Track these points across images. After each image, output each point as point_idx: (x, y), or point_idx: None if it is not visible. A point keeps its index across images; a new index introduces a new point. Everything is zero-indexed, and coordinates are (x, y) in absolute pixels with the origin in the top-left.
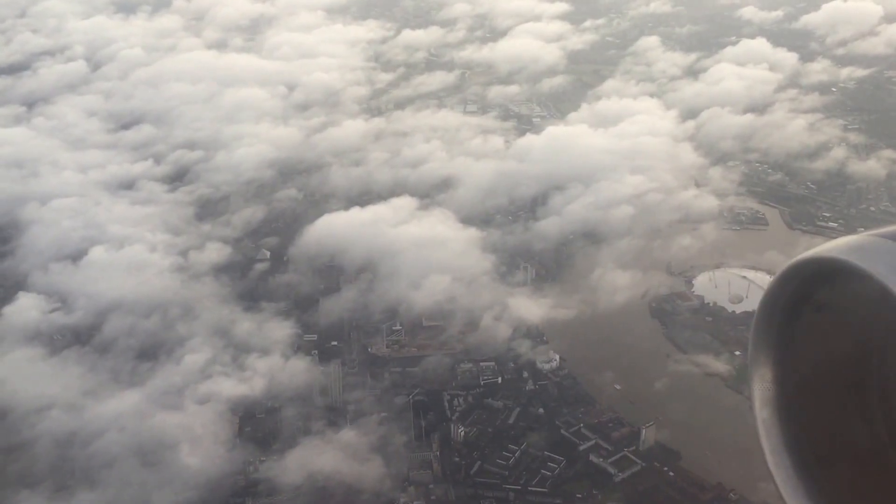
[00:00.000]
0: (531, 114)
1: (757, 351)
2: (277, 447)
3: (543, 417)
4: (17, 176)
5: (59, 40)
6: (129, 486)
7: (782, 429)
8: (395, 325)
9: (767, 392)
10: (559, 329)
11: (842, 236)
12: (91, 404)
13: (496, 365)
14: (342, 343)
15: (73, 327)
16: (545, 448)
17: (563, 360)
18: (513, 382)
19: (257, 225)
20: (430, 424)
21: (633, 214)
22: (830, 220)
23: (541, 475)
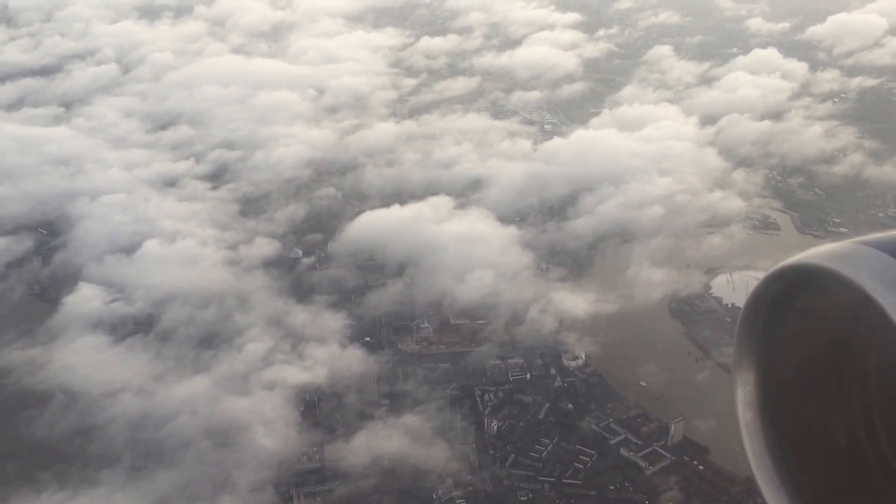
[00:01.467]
0: (542, 121)
1: (740, 355)
2: (340, 432)
3: (573, 413)
4: (65, 173)
5: (88, 44)
6: (205, 465)
7: (765, 431)
8: (423, 323)
9: (750, 395)
10: (584, 327)
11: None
12: (161, 389)
13: (524, 361)
14: (374, 339)
15: (133, 317)
16: (576, 442)
17: (588, 357)
18: (541, 379)
19: (299, 222)
20: (464, 418)
21: (657, 217)
22: (841, 226)
23: (573, 468)
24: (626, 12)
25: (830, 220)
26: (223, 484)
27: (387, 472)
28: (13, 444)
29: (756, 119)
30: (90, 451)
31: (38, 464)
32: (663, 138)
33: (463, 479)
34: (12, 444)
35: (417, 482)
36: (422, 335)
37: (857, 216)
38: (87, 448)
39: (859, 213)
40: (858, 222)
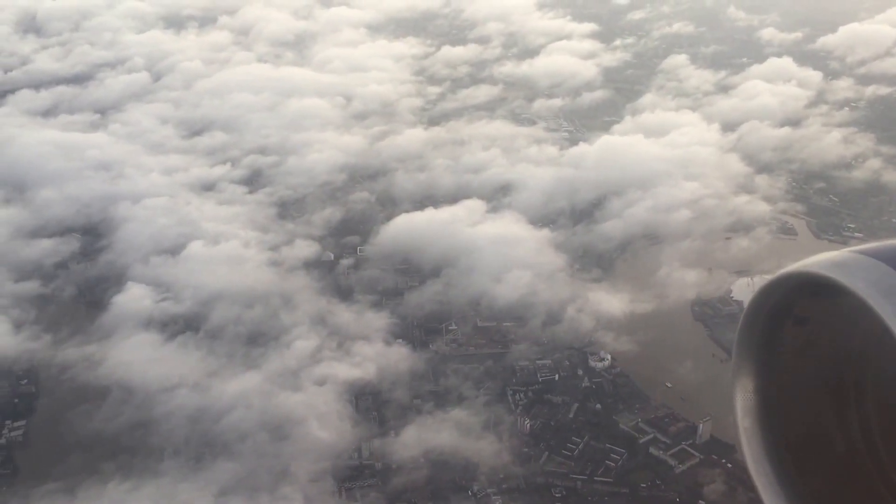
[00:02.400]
0: (559, 129)
1: (740, 362)
2: (387, 428)
3: (601, 412)
4: (106, 177)
5: (118, 53)
6: (263, 457)
7: (764, 438)
8: (452, 325)
9: (749, 402)
10: (610, 329)
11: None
12: (215, 384)
13: (552, 363)
14: (407, 340)
15: (182, 316)
16: (606, 441)
17: (614, 358)
18: (568, 380)
19: (336, 224)
20: (496, 417)
21: (680, 222)
22: (856, 231)
23: (605, 466)
24: (640, 23)
25: (846, 225)
26: (282, 475)
27: (427, 468)
28: (75, 437)
29: (775, 126)
30: (150, 444)
31: (101, 456)
32: (687, 144)
33: (498, 476)
34: (74, 436)
35: (456, 477)
36: (451, 337)
37: (871, 222)
38: (147, 441)
39: (873, 218)
40: (873, 228)
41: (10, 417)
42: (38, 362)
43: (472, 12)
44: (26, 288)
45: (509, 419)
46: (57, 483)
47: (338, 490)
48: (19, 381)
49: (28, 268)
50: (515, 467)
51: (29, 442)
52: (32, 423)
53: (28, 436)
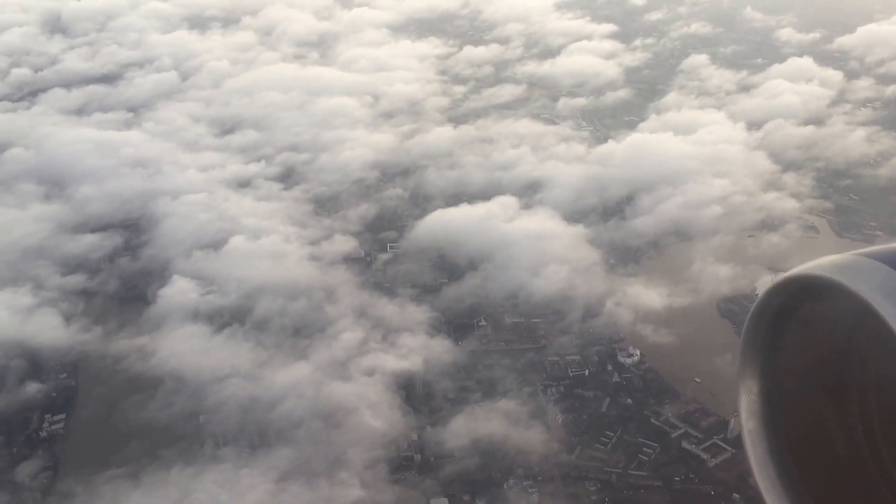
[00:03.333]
0: (578, 128)
1: (744, 364)
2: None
3: (632, 407)
4: (143, 174)
5: (145, 53)
6: (318, 444)
7: (768, 439)
8: (481, 322)
9: (754, 404)
10: (639, 324)
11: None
12: (266, 374)
13: (581, 358)
14: (438, 335)
15: (228, 308)
16: (638, 435)
17: (642, 354)
18: (598, 375)
19: (371, 220)
20: (529, 411)
21: (705, 220)
22: (877, 230)
23: (638, 459)
24: (657, 23)
25: (867, 223)
26: (337, 462)
27: (463, 461)
28: (133, 425)
29: (799, 124)
30: (206, 432)
31: (161, 442)
32: (715, 142)
33: (533, 468)
34: (132, 424)
35: (492, 470)
36: (481, 333)
37: (893, 220)
38: (203, 429)
39: (894, 217)
40: (893, 226)
41: (49, 411)
42: (85, 354)
43: (491, 13)
44: (73, 281)
45: (541, 413)
46: (120, 469)
47: (391, 478)
48: (58, 375)
49: (73, 262)
50: (550, 460)
51: (69, 435)
52: (88, 413)
53: (69, 428)
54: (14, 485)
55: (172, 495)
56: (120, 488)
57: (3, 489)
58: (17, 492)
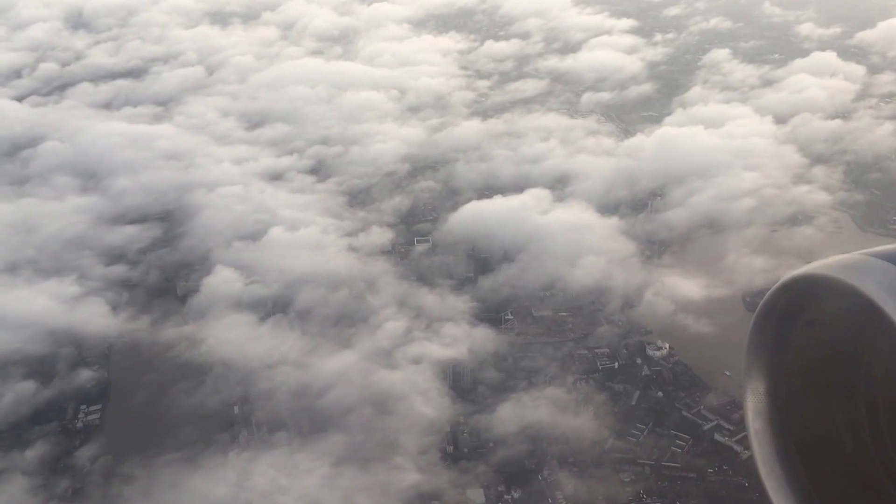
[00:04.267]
0: (602, 122)
1: (751, 364)
2: (488, 403)
3: (663, 400)
4: (178, 167)
5: (169, 48)
6: (370, 430)
7: (774, 439)
8: (508, 315)
9: (760, 404)
10: (664, 319)
11: None
12: (314, 362)
13: (610, 351)
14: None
15: (271, 298)
16: (670, 427)
17: (671, 347)
18: (628, 368)
19: (405, 212)
20: (560, 404)
21: (738, 213)
22: None
23: (671, 452)
24: (676, 19)
25: (891, 218)
26: (391, 447)
27: (496, 453)
28: (185, 411)
29: (826, 118)
30: (259, 417)
31: (215, 427)
32: (744, 136)
33: (567, 460)
34: (184, 410)
35: (525, 462)
36: (508, 326)
37: None
38: (255, 414)
39: None
40: None
41: (100, 398)
42: (134, 342)
43: (509, 9)
44: (115, 272)
45: (573, 406)
46: (177, 453)
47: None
48: (108, 362)
49: (114, 253)
50: (583, 452)
51: (123, 420)
52: (139, 399)
53: (122, 415)
54: (75, 469)
55: (231, 478)
56: (179, 471)
57: (64, 474)
58: (77, 476)
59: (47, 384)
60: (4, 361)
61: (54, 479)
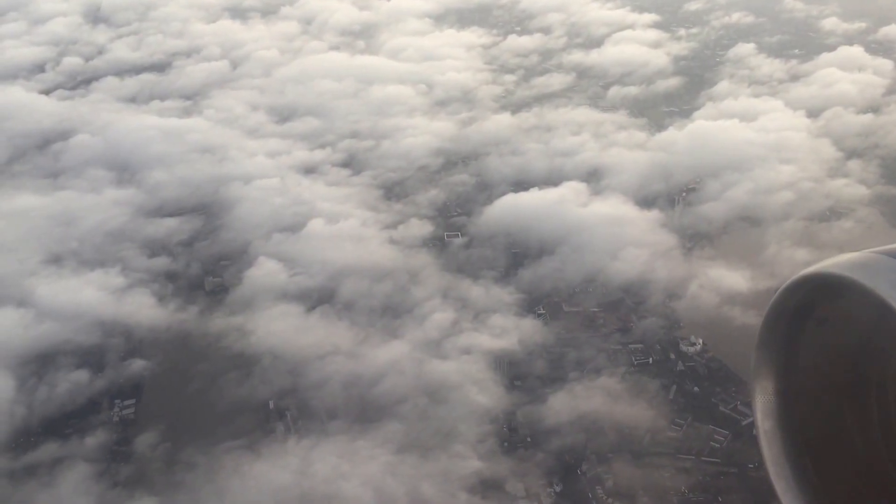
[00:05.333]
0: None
1: (760, 363)
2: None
3: (699, 395)
4: (212, 160)
5: (191, 42)
6: (427, 419)
7: (784, 439)
8: (539, 310)
9: (770, 403)
10: (708, 311)
11: None
12: (365, 352)
13: (644, 346)
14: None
15: (315, 289)
16: (708, 423)
17: (705, 343)
18: (662, 363)
19: (440, 205)
20: (596, 399)
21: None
22: None
23: (710, 447)
24: (697, 13)
25: None
26: (448, 436)
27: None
28: (239, 400)
29: (858, 113)
30: (313, 407)
31: (269, 416)
32: (779, 129)
33: (606, 455)
34: (238, 399)
35: (565, 457)
36: (541, 321)
37: None
38: (308, 404)
39: None
40: None
41: (152, 387)
42: (183, 333)
43: (529, 3)
44: (158, 264)
45: (609, 401)
46: (237, 441)
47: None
48: (122, 361)
49: (154, 245)
50: (622, 447)
51: (179, 409)
52: (192, 389)
53: (176, 403)
54: (135, 457)
55: (294, 465)
56: (241, 458)
57: (125, 462)
58: (139, 463)
59: (99, 374)
60: (56, 351)
61: (115, 466)
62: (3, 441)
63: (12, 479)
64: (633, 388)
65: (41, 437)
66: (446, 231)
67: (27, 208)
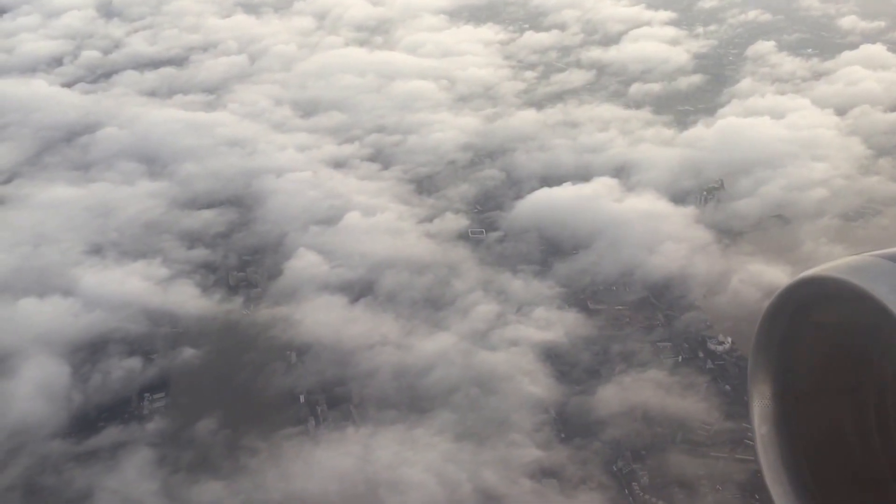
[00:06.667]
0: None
1: (756, 367)
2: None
3: (731, 393)
4: (242, 153)
5: (207, 37)
6: (479, 408)
7: (780, 444)
8: (564, 307)
9: (766, 408)
10: (725, 311)
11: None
12: (414, 343)
13: (672, 345)
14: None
15: (357, 281)
16: (740, 420)
17: (733, 341)
18: (691, 361)
19: (472, 200)
20: (628, 397)
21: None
22: None
23: (743, 444)
24: (712, 11)
25: None
26: (502, 425)
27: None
28: (290, 389)
29: (885, 111)
30: (366, 395)
31: (321, 404)
32: (809, 126)
33: (640, 452)
34: (288, 388)
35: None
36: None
37: None
38: (363, 392)
39: None
40: None
41: (200, 376)
42: (229, 323)
43: (542, 0)
44: (198, 255)
45: (640, 399)
46: (295, 428)
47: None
48: (172, 349)
49: (192, 236)
50: (655, 445)
51: (228, 397)
52: (242, 378)
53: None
54: (196, 442)
55: (356, 452)
56: (301, 445)
57: (187, 447)
58: (200, 449)
59: (151, 361)
60: (106, 339)
61: (176, 451)
62: (65, 426)
63: (78, 462)
64: (662, 385)
65: (100, 423)
66: (471, 229)
67: (64, 199)
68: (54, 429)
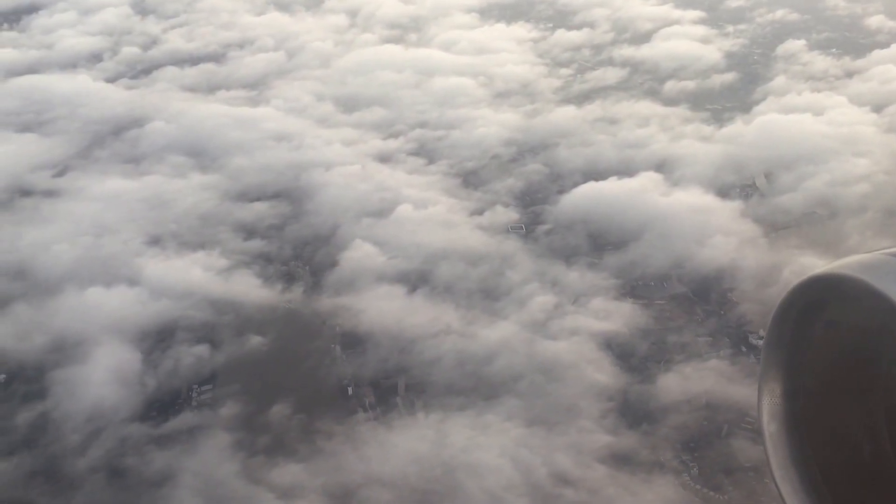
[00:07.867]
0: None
1: (767, 365)
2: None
3: None
4: (289, 147)
5: (243, 33)
6: (545, 395)
7: (790, 443)
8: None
9: (776, 406)
10: (755, 305)
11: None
12: (475, 331)
13: (713, 340)
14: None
15: (413, 272)
16: None
17: None
18: (733, 357)
19: (518, 193)
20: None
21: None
22: None
23: None
24: (740, 10)
25: None
26: (569, 411)
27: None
28: (356, 376)
29: None
30: (433, 382)
31: (388, 391)
32: (850, 123)
33: (688, 446)
34: (355, 375)
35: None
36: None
37: None
38: (429, 379)
39: None
40: None
41: (265, 364)
42: (291, 312)
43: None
44: (255, 246)
45: (687, 395)
46: (366, 413)
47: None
48: (238, 336)
49: (247, 228)
50: (700, 441)
51: (297, 382)
52: (308, 365)
53: (294, 378)
54: (269, 427)
55: (430, 436)
56: (375, 429)
57: (263, 431)
58: (276, 433)
59: (219, 349)
60: (174, 327)
61: (251, 435)
62: (140, 411)
63: (157, 444)
64: (705, 380)
65: (174, 407)
66: (510, 225)
67: (119, 191)
68: (130, 413)
